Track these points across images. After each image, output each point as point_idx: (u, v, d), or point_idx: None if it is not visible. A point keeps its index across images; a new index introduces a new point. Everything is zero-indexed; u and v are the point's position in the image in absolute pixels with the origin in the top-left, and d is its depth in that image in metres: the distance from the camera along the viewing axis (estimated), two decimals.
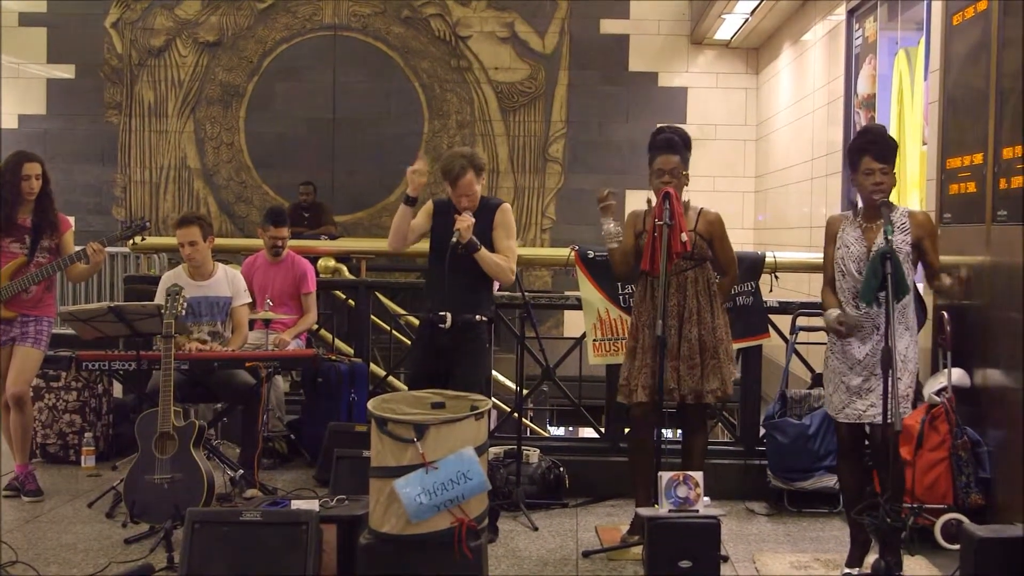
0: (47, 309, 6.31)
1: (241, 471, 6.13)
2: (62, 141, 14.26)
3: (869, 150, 4.87)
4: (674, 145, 5.37)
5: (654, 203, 5.26)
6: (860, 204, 5.02)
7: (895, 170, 4.92)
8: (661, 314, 5.06)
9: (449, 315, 5.50)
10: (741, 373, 6.69)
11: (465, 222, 5.44)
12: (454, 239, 5.43)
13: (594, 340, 6.53)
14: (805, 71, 11.45)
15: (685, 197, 5.43)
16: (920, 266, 5.11)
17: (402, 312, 9.97)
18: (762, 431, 6.55)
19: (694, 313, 5.31)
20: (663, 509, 4.79)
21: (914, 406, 5.33)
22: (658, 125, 5.61)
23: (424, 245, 5.85)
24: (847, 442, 5.04)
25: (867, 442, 5.04)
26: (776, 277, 6.86)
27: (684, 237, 5.16)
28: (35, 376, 6.57)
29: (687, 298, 5.32)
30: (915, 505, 5.26)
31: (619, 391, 5.54)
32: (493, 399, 6.52)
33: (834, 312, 4.95)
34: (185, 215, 6.76)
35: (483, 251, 5.51)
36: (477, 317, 5.58)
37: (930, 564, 5.14)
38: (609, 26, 14.28)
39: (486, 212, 5.63)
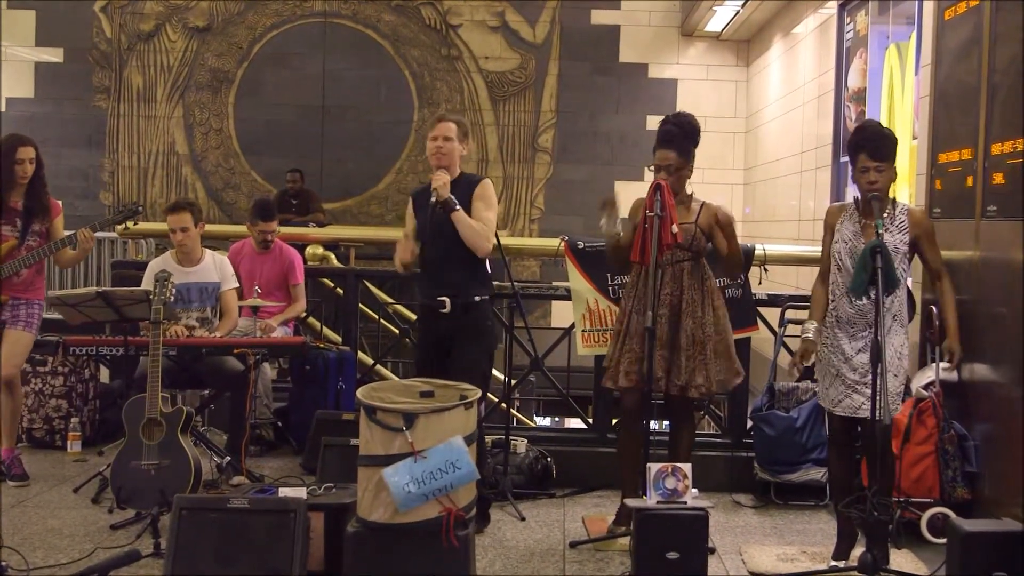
0: (38, 292, 6.29)
1: (228, 458, 6.12)
2: (50, 125, 14.19)
3: (865, 147, 4.87)
4: (672, 139, 5.36)
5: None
6: (859, 198, 5.01)
7: (894, 165, 4.92)
8: (650, 305, 5.06)
9: (448, 300, 5.45)
10: None
11: (440, 179, 5.38)
12: (432, 199, 5.40)
13: (583, 331, 6.52)
14: (795, 64, 11.46)
15: (689, 190, 5.44)
16: (913, 262, 5.11)
17: (390, 300, 9.95)
18: (749, 423, 6.57)
19: (689, 305, 5.31)
20: (651, 500, 4.80)
21: (901, 400, 5.34)
22: (665, 115, 5.58)
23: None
24: (840, 433, 5.05)
25: (859, 436, 5.06)
26: (765, 270, 6.86)
27: (674, 229, 5.15)
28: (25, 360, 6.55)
29: (683, 290, 5.32)
30: (902, 499, 5.28)
31: (605, 373, 5.54)
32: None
33: (812, 327, 5.01)
34: (177, 201, 6.74)
35: (461, 213, 5.40)
36: (476, 297, 5.50)
37: (916, 558, 5.16)
38: (600, 16, 14.28)
39: (466, 186, 5.54)
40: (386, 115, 14.32)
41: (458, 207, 5.40)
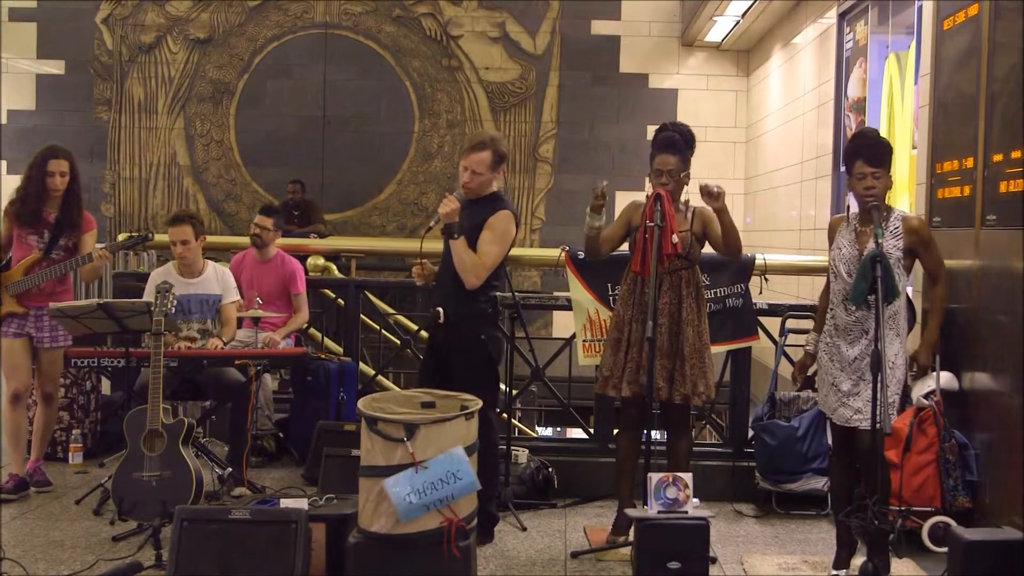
0: (62, 297, 6.31)
1: (229, 469, 6.13)
2: (51, 137, 13.95)
3: (862, 154, 4.88)
4: (674, 144, 5.37)
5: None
6: (855, 207, 5.03)
7: (890, 173, 4.93)
8: (651, 315, 5.07)
9: (442, 311, 5.45)
10: (731, 375, 6.71)
11: (446, 207, 5.30)
12: (435, 220, 5.38)
13: (584, 341, 6.54)
14: (795, 74, 11.47)
15: (684, 197, 5.44)
16: (914, 270, 5.12)
17: (391, 311, 9.96)
18: (750, 433, 6.57)
19: (689, 314, 5.32)
20: (652, 510, 4.80)
21: (901, 410, 5.35)
22: (662, 123, 5.59)
23: (412, 244, 5.81)
24: (838, 441, 5.07)
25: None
26: (766, 279, 6.87)
27: (675, 239, 5.16)
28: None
29: (682, 298, 5.33)
30: (903, 508, 5.28)
31: (601, 382, 5.53)
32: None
33: (813, 339, 5.12)
34: (177, 213, 6.74)
35: (460, 242, 5.34)
36: (469, 311, 5.45)
37: (917, 566, 5.16)
38: (600, 27, 14.29)
39: (483, 209, 5.47)
40: (387, 126, 14.32)
41: (457, 236, 5.35)
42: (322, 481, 5.76)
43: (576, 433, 8.70)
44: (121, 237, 6.71)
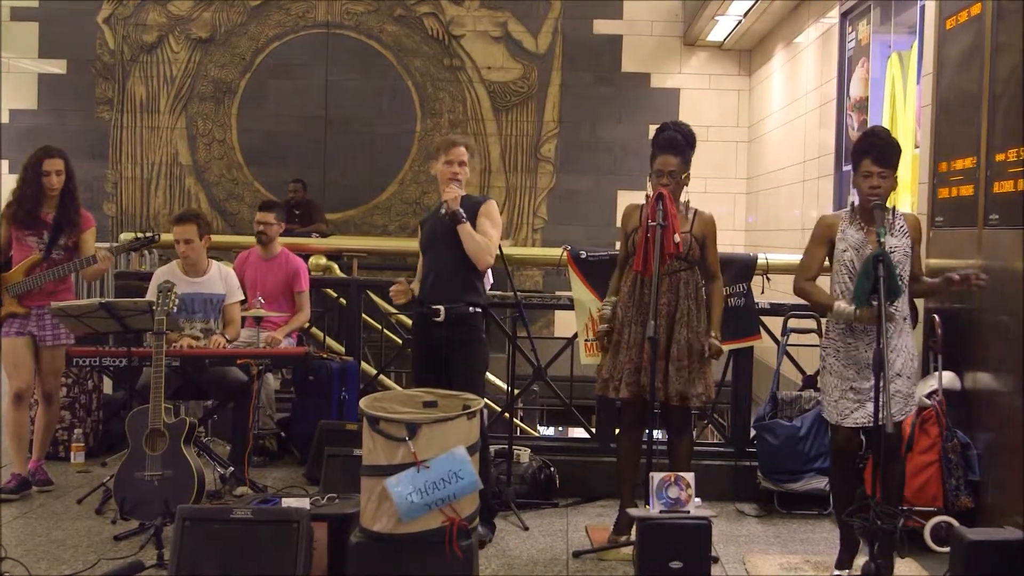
0: (63, 296, 6.30)
1: (231, 468, 6.13)
2: (53, 136, 14.08)
3: (870, 152, 4.86)
4: (676, 145, 5.35)
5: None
6: (858, 204, 5.01)
7: (896, 174, 4.92)
8: (653, 314, 5.06)
9: (442, 308, 5.46)
10: (733, 374, 6.71)
11: (452, 193, 5.40)
12: (443, 211, 5.42)
13: (586, 340, 6.53)
14: (798, 73, 11.47)
15: (684, 197, 5.43)
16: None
17: (393, 311, 9.95)
18: (752, 432, 6.56)
19: (684, 315, 5.31)
20: (654, 510, 4.80)
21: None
22: (663, 122, 5.57)
23: (414, 243, 5.83)
24: (842, 446, 5.01)
25: (863, 446, 5.06)
26: (768, 279, 6.86)
27: (677, 238, 5.15)
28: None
29: (679, 299, 5.31)
30: (905, 507, 5.28)
31: (600, 384, 5.52)
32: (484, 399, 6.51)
33: (843, 305, 4.84)
34: (183, 212, 6.75)
35: (468, 226, 5.41)
36: (471, 309, 5.49)
37: (920, 566, 5.16)
38: (602, 26, 14.29)
39: (471, 205, 5.54)
40: (389, 126, 14.33)
41: (465, 220, 5.40)
42: (324, 480, 5.76)
43: (578, 432, 8.69)
44: (126, 237, 6.70)
